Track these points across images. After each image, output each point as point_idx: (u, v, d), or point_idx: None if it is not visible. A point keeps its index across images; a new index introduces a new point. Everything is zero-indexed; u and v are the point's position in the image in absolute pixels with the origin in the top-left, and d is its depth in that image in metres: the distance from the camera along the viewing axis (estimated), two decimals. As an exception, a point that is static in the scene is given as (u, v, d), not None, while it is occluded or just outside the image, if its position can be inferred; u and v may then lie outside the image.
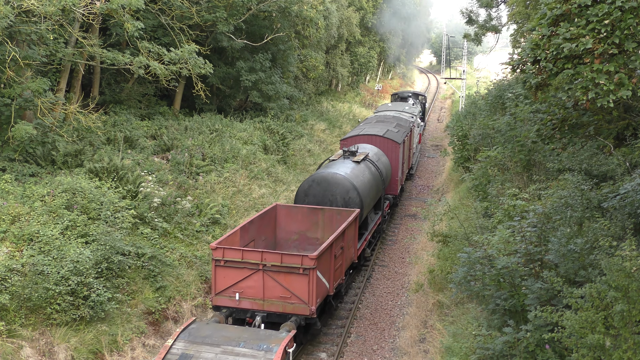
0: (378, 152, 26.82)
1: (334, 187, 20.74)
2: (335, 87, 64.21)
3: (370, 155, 25.18)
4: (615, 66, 9.53)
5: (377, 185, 23.93)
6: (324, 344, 18.21)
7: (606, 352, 8.91)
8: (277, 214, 20.38)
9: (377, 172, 24.42)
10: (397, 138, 29.10)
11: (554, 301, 10.80)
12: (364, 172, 22.91)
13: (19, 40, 20.74)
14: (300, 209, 20.25)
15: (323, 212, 19.99)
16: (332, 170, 21.41)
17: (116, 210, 19.21)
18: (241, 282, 15.95)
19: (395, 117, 35.96)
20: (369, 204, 22.19)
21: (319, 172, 21.59)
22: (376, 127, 31.17)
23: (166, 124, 30.47)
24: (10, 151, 20.44)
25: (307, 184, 21.17)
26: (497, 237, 13.81)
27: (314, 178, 21.17)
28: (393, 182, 28.52)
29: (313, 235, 20.10)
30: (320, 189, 20.88)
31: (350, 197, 20.67)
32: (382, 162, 26.15)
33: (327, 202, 20.83)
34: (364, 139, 28.40)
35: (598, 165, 15.75)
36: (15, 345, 14.00)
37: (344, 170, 21.56)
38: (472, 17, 38.33)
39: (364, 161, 23.86)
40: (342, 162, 22.86)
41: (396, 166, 28.46)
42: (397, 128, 31.87)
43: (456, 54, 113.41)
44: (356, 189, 20.70)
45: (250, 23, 36.56)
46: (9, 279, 14.86)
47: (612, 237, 11.05)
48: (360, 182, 21.60)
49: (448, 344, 14.84)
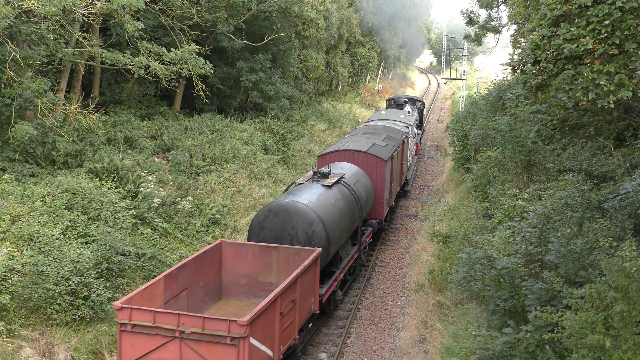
0: (358, 172, 23.42)
1: (295, 219, 17.30)
2: (336, 88, 64.23)
3: (347, 177, 21.71)
4: (616, 67, 9.53)
5: (352, 214, 20.41)
6: (323, 345, 18.21)
7: (606, 353, 8.91)
8: (223, 254, 16.81)
9: (354, 198, 20.84)
10: (383, 154, 25.51)
11: (554, 302, 10.80)
12: (335, 198, 19.42)
13: (20, 41, 20.75)
14: (250, 247, 16.70)
15: (277, 252, 16.41)
16: (293, 198, 17.81)
17: (116, 210, 19.22)
18: (153, 354, 12.37)
19: (386, 127, 32.67)
20: (339, 237, 18.72)
21: (277, 200, 18.08)
22: (361, 140, 27.66)
23: (166, 124, 30.48)
24: (10, 151, 20.44)
25: (262, 215, 17.62)
26: (497, 238, 13.81)
27: (270, 207, 17.63)
28: (378, 205, 25.13)
29: (266, 279, 16.65)
30: (278, 221, 17.39)
31: (314, 232, 17.20)
32: (361, 184, 22.70)
33: (286, 237, 17.37)
34: (345, 155, 24.92)
35: (598, 165, 15.75)
36: (15, 346, 14.00)
37: (309, 198, 18.17)
38: (472, 18, 38.37)
39: (337, 185, 20.31)
40: (309, 187, 19.37)
41: (381, 187, 24.98)
42: (386, 141, 28.44)
43: (456, 55, 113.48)
44: (322, 221, 17.27)
45: (250, 23, 36.59)
46: (9, 279, 14.86)
47: (612, 237, 11.05)
48: (329, 211, 18.23)
49: (448, 345, 14.83)
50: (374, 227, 24.69)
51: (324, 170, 20.86)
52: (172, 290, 14.35)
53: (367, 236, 23.64)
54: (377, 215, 25.20)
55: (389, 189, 26.16)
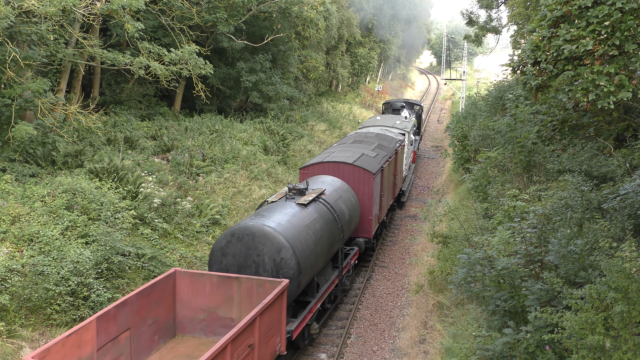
0: (341, 187, 21.21)
1: (261, 245, 15.29)
2: (336, 88, 64.24)
3: (328, 193, 19.64)
4: (616, 68, 9.54)
5: (331, 235, 18.27)
6: (323, 345, 18.21)
7: (606, 353, 8.91)
8: (177, 284, 14.66)
9: (333, 217, 18.66)
10: (372, 166, 23.26)
11: (554, 302, 10.80)
12: (311, 219, 17.29)
13: (20, 41, 20.75)
14: (208, 277, 14.59)
15: (239, 283, 14.37)
16: (260, 221, 15.73)
17: (116, 210, 19.22)
18: None
19: (378, 135, 30.35)
20: (314, 264, 16.62)
21: (242, 222, 15.94)
22: (349, 150, 25.31)
23: (166, 125, 30.49)
24: (10, 151, 20.45)
25: (224, 239, 15.58)
26: (497, 238, 13.82)
27: (233, 231, 15.53)
28: (365, 223, 22.74)
29: (226, 313, 14.60)
30: (242, 246, 15.38)
31: (282, 259, 15.18)
32: (345, 201, 20.49)
33: (250, 265, 15.40)
34: (329, 168, 22.68)
35: (598, 166, 15.76)
36: (15, 346, 14.00)
37: (279, 219, 16.06)
38: (472, 18, 38.41)
39: (314, 203, 18.23)
40: (281, 206, 17.23)
41: (369, 203, 22.63)
42: (377, 151, 26.12)
43: (456, 55, 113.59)
44: (292, 246, 15.22)
45: (250, 24, 36.61)
46: (9, 280, 14.86)
47: (612, 238, 11.06)
48: (302, 235, 16.17)
49: (448, 345, 14.84)
50: (361, 247, 22.44)
51: (300, 186, 18.69)
52: (108, 334, 12.27)
53: (352, 257, 21.44)
54: (365, 234, 22.91)
55: (378, 204, 24.11)
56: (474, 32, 39.65)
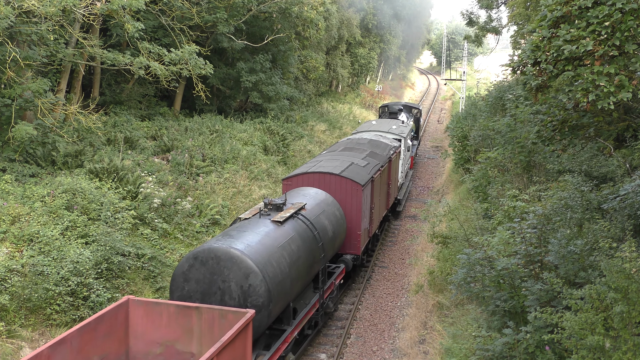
0: (325, 201, 19.56)
1: (227, 270, 13.71)
2: (336, 88, 64.23)
3: (309, 208, 18.03)
4: (616, 68, 9.54)
5: (310, 256, 16.57)
6: (323, 345, 18.21)
7: (606, 354, 8.92)
8: (130, 315, 12.82)
9: (313, 235, 16.95)
10: (360, 177, 21.54)
11: (554, 302, 10.80)
12: (287, 238, 15.63)
13: (20, 41, 20.76)
14: (165, 307, 12.79)
15: (199, 314, 12.64)
16: (226, 242, 14.17)
17: (116, 210, 19.22)
18: None
19: (371, 142, 28.49)
20: (289, 289, 14.98)
21: (207, 243, 14.34)
22: (337, 159, 23.58)
23: (166, 125, 30.49)
24: (10, 151, 20.45)
25: (186, 263, 13.97)
26: (497, 239, 13.83)
27: (197, 254, 13.94)
28: (353, 238, 21.11)
29: (185, 347, 12.89)
30: (206, 271, 13.83)
31: (251, 286, 13.63)
32: (328, 216, 18.82)
33: (215, 292, 13.83)
34: (314, 179, 21.05)
35: (598, 166, 15.76)
36: (15, 346, 14.00)
37: (248, 240, 14.44)
38: (472, 19, 38.38)
39: (291, 220, 16.56)
40: (254, 225, 15.58)
41: (357, 217, 20.99)
42: (368, 160, 24.37)
43: (456, 55, 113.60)
44: (261, 271, 13.68)
45: (250, 24, 36.61)
46: (8, 280, 14.86)
47: (612, 238, 11.06)
48: (274, 257, 14.56)
49: (448, 345, 14.84)
50: (348, 265, 20.74)
51: (277, 201, 17.05)
52: None
53: (338, 276, 19.67)
54: (352, 250, 21.23)
55: (368, 217, 22.41)
56: (474, 33, 39.62)
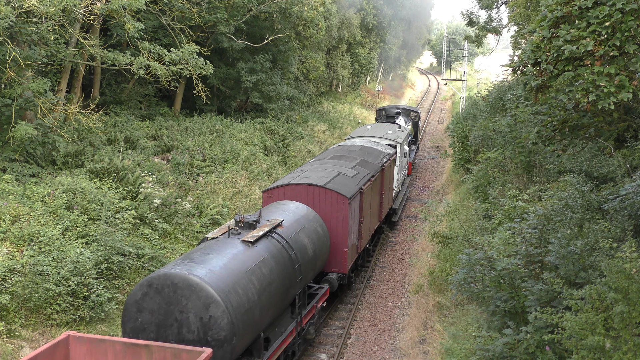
0: (306, 216, 17.92)
1: (185, 299, 12.04)
2: (336, 88, 64.23)
3: (286, 225, 16.29)
4: (616, 68, 9.54)
5: (286, 279, 14.86)
6: (323, 345, 18.21)
7: (606, 354, 8.91)
8: (72, 354, 11.50)
9: (289, 257, 15.26)
10: (347, 189, 19.79)
11: (554, 303, 10.80)
12: (257, 261, 13.84)
13: (20, 41, 20.77)
14: (110, 345, 11.49)
15: (149, 353, 11.38)
16: (185, 267, 12.44)
17: (116, 210, 19.23)
18: None
19: (363, 149, 26.54)
20: (257, 320, 13.23)
21: (163, 269, 12.60)
22: (324, 168, 21.70)
23: (166, 125, 30.50)
24: (10, 151, 20.45)
25: (139, 291, 12.26)
26: (497, 239, 13.83)
27: (151, 280, 12.20)
28: (338, 256, 19.40)
29: None
30: (162, 300, 12.15)
31: (212, 317, 11.98)
32: (308, 233, 17.10)
33: (172, 324, 12.14)
34: (296, 191, 19.35)
35: (598, 167, 15.75)
36: (15, 346, 14.01)
37: (211, 265, 12.72)
38: (472, 19, 38.42)
39: (265, 239, 14.75)
40: (221, 245, 13.85)
41: (343, 232, 19.25)
42: (358, 169, 22.54)
43: (457, 56, 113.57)
44: (224, 301, 12.01)
45: (250, 24, 36.61)
46: (9, 279, 14.87)
47: (612, 238, 11.06)
48: (240, 284, 12.83)
49: (448, 346, 14.85)
50: (333, 284, 19.15)
51: (249, 217, 15.29)
52: None
53: (321, 298, 18.00)
54: (338, 268, 19.55)
55: (356, 232, 20.66)
56: (474, 33, 39.65)
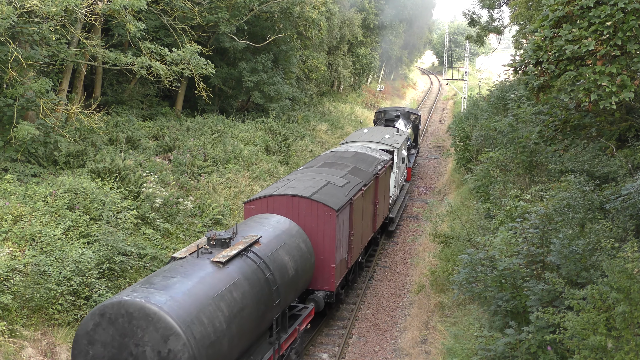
0: (288, 230, 16.53)
1: (141, 331, 10.70)
2: (337, 88, 64.21)
3: (265, 241, 14.81)
4: (618, 68, 9.53)
5: (260, 305, 13.37)
6: (325, 345, 18.21)
7: (608, 354, 8.90)
8: None
9: (265, 278, 13.74)
10: (335, 200, 18.46)
11: (556, 302, 10.79)
12: (228, 285, 12.41)
13: (22, 41, 20.79)
14: None
15: None
16: (143, 293, 11.05)
17: (118, 210, 19.24)
18: None
19: (357, 155, 24.95)
20: (225, 353, 11.88)
21: (119, 295, 11.17)
22: (312, 177, 20.33)
23: (168, 125, 30.51)
24: (12, 151, 20.47)
25: (91, 321, 10.92)
26: (498, 239, 13.82)
27: (104, 309, 10.83)
28: (324, 273, 18.07)
29: None
30: (116, 332, 10.79)
31: (171, 352, 10.61)
32: (289, 250, 15.64)
33: (127, 359, 10.84)
34: (280, 202, 17.95)
35: (600, 166, 15.74)
36: (17, 346, 14.01)
37: (174, 290, 11.35)
38: (474, 19, 38.35)
39: (238, 259, 13.30)
40: (188, 267, 12.45)
41: (330, 247, 17.91)
42: (349, 177, 21.10)
43: (458, 55, 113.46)
44: (185, 333, 10.66)
45: (252, 24, 36.61)
46: (11, 279, 14.88)
47: (614, 238, 11.04)
48: (205, 313, 11.38)
49: (450, 345, 14.85)
50: (319, 304, 17.80)
51: (222, 234, 13.85)
52: None
53: (305, 319, 16.63)
54: (325, 285, 18.18)
55: (345, 246, 19.24)
56: (475, 33, 39.59)
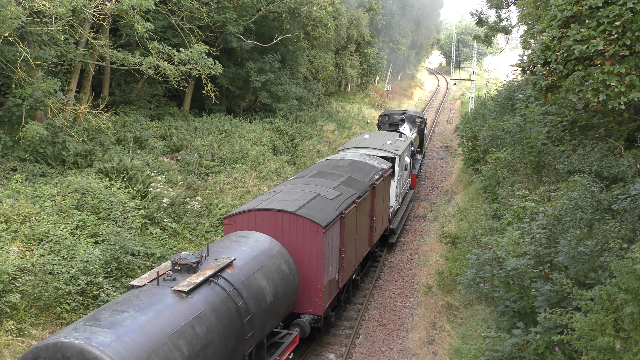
0: (268, 250, 14.67)
1: None
2: (345, 88, 64.19)
3: (239, 264, 13.14)
4: (627, 68, 9.48)
5: (229, 339, 11.80)
6: (332, 345, 18.20)
7: (616, 355, 8.87)
8: None
9: (237, 308, 12.13)
10: (323, 214, 16.71)
11: (564, 303, 10.76)
12: (190, 318, 10.80)
13: (30, 41, 20.89)
14: None
15: None
16: (84, 333, 9.40)
17: (126, 210, 19.29)
18: None
19: (353, 164, 23.03)
20: None
21: (54, 336, 9.47)
22: (300, 189, 18.47)
23: (176, 125, 30.58)
24: (21, 151, 20.56)
25: None
26: (506, 239, 13.78)
27: (38, 353, 9.15)
28: (310, 295, 16.31)
29: None
30: None
31: None
32: (268, 273, 13.91)
33: None
34: (262, 217, 16.17)
35: (608, 167, 15.68)
36: (25, 345, 14.07)
37: (123, 328, 9.77)
38: (482, 19, 38.29)
39: (205, 287, 11.70)
40: (145, 298, 10.77)
41: (317, 267, 16.16)
42: (341, 189, 19.28)
43: (466, 55, 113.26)
44: None
45: (259, 24, 36.65)
46: (19, 279, 14.95)
47: (623, 239, 10.99)
48: (159, 355, 9.79)
49: (457, 346, 14.81)
50: (304, 329, 16.11)
51: (189, 258, 12.15)
52: None
53: (287, 348, 15.06)
54: (312, 309, 16.41)
55: (335, 265, 17.56)
56: (483, 32, 39.52)
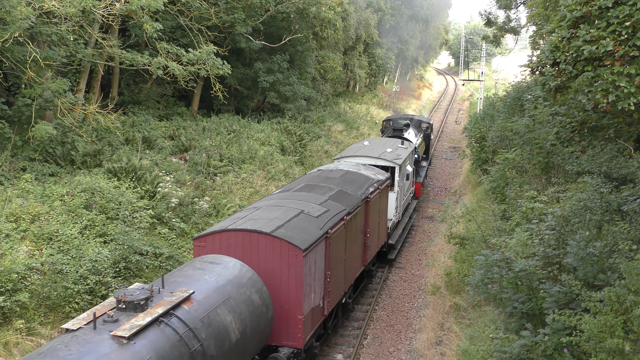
0: (235, 280, 12.81)
1: None
2: (353, 89, 64.15)
3: (198, 299, 11.39)
4: (636, 68, 9.44)
5: None
6: (339, 346, 18.19)
7: (625, 357, 8.83)
8: None
9: (190, 354, 10.35)
10: (304, 235, 14.78)
11: (573, 305, 10.72)
12: None
13: (40, 41, 20.98)
14: None
15: None
16: None
17: (134, 210, 19.35)
18: None
19: (346, 175, 21.22)
20: None
21: None
22: (282, 205, 16.58)
23: (184, 125, 30.64)
24: (30, 151, 20.65)
25: None
26: (515, 240, 13.74)
27: None
28: (289, 326, 14.39)
29: None
30: None
31: None
32: (234, 306, 12.16)
33: None
34: (235, 239, 14.32)
35: (618, 168, 15.61)
36: (35, 344, 14.14)
37: None
38: (490, 19, 38.16)
39: (153, 329, 10.00)
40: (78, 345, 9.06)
41: (297, 294, 14.23)
42: (329, 204, 17.36)
43: (474, 56, 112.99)
44: None
45: (268, 24, 36.67)
46: (28, 278, 15.02)
47: (632, 240, 10.95)
48: None
49: (465, 347, 14.77)
50: None
51: (137, 294, 10.46)
52: None
53: None
54: (290, 341, 14.52)
55: (319, 291, 15.69)
56: (492, 33, 39.38)
